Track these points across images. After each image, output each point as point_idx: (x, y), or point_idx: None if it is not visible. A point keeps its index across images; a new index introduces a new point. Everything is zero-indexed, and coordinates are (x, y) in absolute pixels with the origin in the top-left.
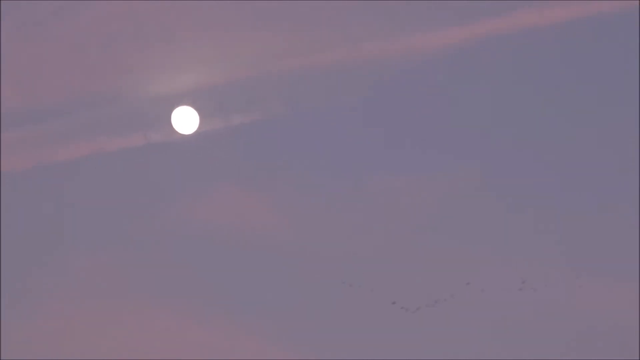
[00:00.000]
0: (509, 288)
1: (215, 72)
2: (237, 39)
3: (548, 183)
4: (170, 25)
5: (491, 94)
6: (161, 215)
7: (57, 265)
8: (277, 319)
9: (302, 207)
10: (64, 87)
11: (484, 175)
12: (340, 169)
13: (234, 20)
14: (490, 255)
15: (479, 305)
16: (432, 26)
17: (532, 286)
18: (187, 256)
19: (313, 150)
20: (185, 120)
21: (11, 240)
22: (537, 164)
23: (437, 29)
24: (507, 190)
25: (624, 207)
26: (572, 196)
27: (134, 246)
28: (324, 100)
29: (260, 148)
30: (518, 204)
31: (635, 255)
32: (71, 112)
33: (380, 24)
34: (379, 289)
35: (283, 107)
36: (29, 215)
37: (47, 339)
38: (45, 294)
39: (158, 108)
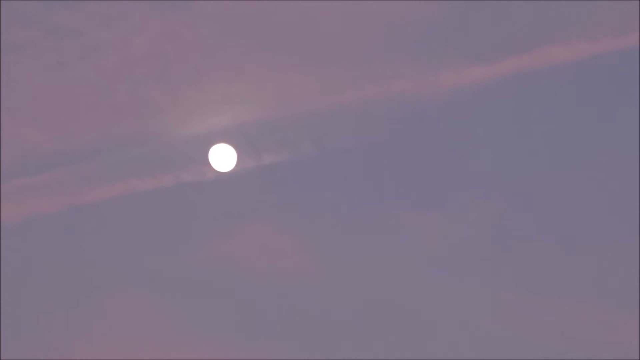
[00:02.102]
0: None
1: (245, 112)
2: (266, 79)
3: (580, 219)
4: (199, 66)
5: (519, 131)
6: (193, 255)
7: (88, 306)
8: (308, 357)
9: (333, 245)
10: (94, 129)
11: (514, 213)
12: (370, 207)
13: (263, 60)
14: (520, 293)
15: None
16: (460, 63)
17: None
18: (219, 295)
19: (343, 188)
20: (220, 159)
21: (42, 282)
22: (568, 200)
23: (466, 66)
24: (538, 228)
25: None
26: (609, 232)
27: (165, 286)
28: (353, 139)
29: (291, 187)
30: (547, 241)
31: None
32: (103, 153)
33: (409, 62)
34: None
35: (313, 146)
36: (60, 257)
37: None
38: (77, 335)
39: (189, 147)
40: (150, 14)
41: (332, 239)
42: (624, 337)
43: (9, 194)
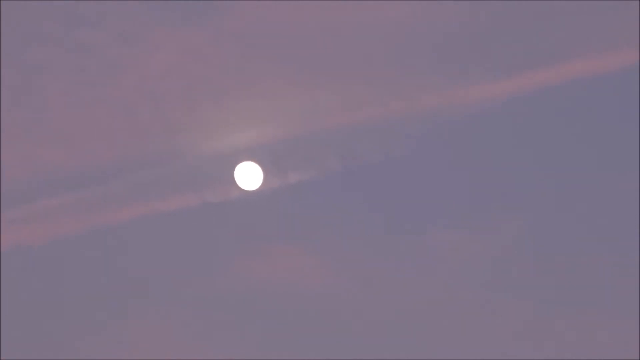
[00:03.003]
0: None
1: (269, 129)
2: (292, 94)
3: (607, 234)
4: (222, 83)
5: (545, 146)
6: (218, 277)
7: (113, 329)
8: None
9: (361, 266)
10: (116, 149)
11: (541, 229)
12: (397, 226)
13: (287, 77)
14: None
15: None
16: (485, 78)
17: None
18: (245, 319)
19: (369, 206)
20: (245, 177)
21: (66, 305)
22: (595, 215)
23: (490, 80)
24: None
25: None
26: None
27: (190, 309)
28: (378, 155)
29: (318, 206)
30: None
31: None
32: (125, 173)
33: (433, 77)
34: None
35: (338, 163)
36: (85, 279)
37: None
38: (101, 357)
39: (213, 166)
40: (171, 30)
41: (359, 259)
42: None
43: (34, 216)
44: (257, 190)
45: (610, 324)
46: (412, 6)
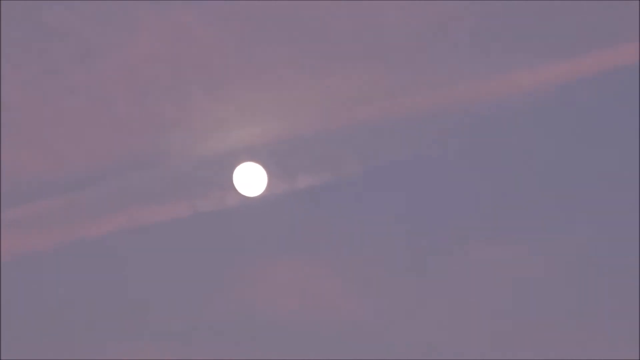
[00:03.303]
0: None
1: (275, 125)
2: (302, 85)
3: None
4: (219, 71)
5: (607, 140)
6: (215, 299)
7: (88, 354)
8: None
9: (386, 286)
10: (93, 150)
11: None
12: (430, 239)
13: (297, 64)
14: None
15: None
16: (535, 61)
17: None
18: (245, 348)
19: (396, 216)
20: (246, 181)
21: (39, 326)
22: None
23: (541, 63)
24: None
25: None
26: None
27: (180, 335)
28: (406, 155)
29: (333, 215)
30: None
31: None
32: (104, 179)
33: (472, 62)
34: None
35: (358, 165)
36: (58, 298)
37: None
38: None
39: (208, 169)
40: (157, 8)
41: (385, 279)
42: None
43: None
44: (259, 196)
45: None
46: None
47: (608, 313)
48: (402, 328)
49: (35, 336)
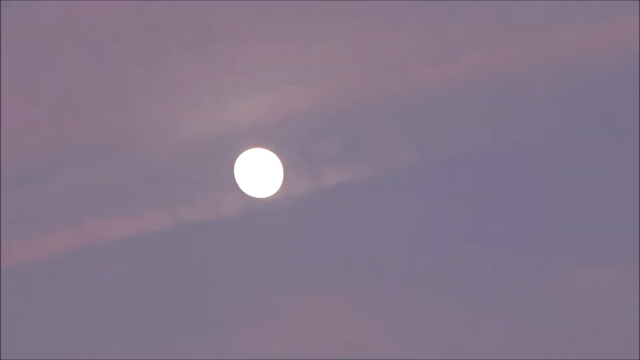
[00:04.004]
0: None
1: (293, 98)
2: (322, 44)
3: None
4: (209, 20)
5: None
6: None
7: None
8: None
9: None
10: (37, 139)
11: None
12: (506, 259)
13: (326, 13)
14: None
15: None
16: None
17: None
18: None
19: (458, 225)
20: (251, 177)
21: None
22: None
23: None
24: None
25: None
26: None
27: None
28: (476, 140)
29: (371, 225)
30: None
31: None
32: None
33: (575, 10)
34: None
35: (407, 155)
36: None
37: None
38: None
39: (198, 161)
40: None
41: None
42: None
43: None
44: (271, 198)
45: None
46: None
47: None
48: None
49: None
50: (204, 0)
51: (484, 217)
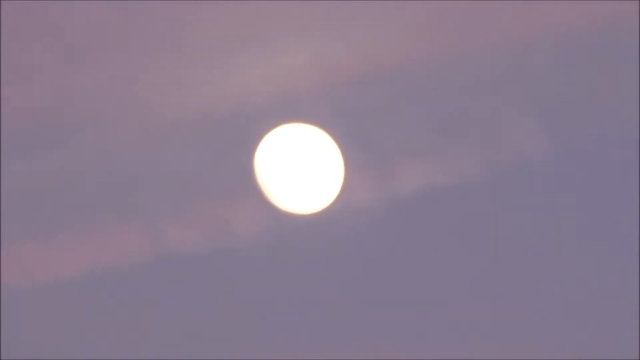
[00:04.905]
0: None
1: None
2: None
3: None
4: None
5: None
6: None
7: None
8: None
9: None
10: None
11: None
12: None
13: None
14: None
15: None
16: None
17: None
18: None
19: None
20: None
21: None
22: None
23: None
24: None
25: None
26: None
27: None
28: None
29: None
30: None
31: None
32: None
33: None
34: None
35: (527, 145)
36: None
37: None
38: None
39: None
40: None
41: None
42: None
43: None
44: (322, 215)
45: None
46: None
47: None
48: None
49: None
50: None
51: None
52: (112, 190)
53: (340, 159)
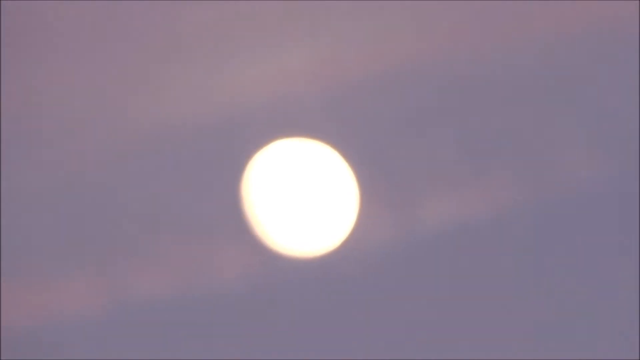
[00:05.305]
0: None
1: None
2: None
3: None
4: None
5: None
6: None
7: None
8: None
9: None
10: None
11: None
12: None
13: None
14: None
15: None
16: None
17: None
18: None
19: None
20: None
21: None
22: None
23: None
24: None
25: None
26: None
27: None
28: None
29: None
30: None
31: None
32: None
33: None
34: None
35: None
36: None
37: None
38: None
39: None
40: None
41: None
42: None
43: None
44: (332, 257)
45: None
46: None
47: None
48: None
49: None
50: None
51: None
52: (63, 224)
53: (355, 184)
